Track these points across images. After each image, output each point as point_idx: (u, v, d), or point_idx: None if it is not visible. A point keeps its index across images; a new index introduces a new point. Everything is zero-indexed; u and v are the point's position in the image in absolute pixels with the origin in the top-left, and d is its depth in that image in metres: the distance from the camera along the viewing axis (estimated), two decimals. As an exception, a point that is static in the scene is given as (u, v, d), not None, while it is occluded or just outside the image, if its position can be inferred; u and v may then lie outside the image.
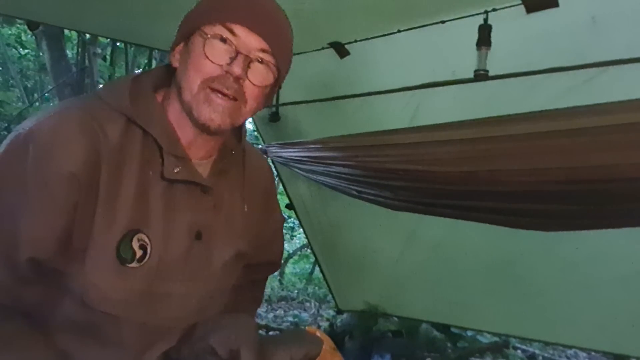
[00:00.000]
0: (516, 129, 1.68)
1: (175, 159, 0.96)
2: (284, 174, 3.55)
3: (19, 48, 7.95)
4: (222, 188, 1.04)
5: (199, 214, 1.00)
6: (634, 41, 1.85)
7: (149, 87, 1.00)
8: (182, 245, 0.98)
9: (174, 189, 0.97)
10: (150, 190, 0.95)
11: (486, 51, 2.00)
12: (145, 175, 0.94)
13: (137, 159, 0.94)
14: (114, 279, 0.91)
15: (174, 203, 0.97)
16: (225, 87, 0.91)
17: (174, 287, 0.98)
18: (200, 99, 0.91)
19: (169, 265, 0.97)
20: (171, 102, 0.98)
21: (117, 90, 0.98)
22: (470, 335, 4.05)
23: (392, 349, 3.55)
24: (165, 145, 0.95)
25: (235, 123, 0.96)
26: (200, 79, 0.91)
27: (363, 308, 3.80)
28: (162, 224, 0.95)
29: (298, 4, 2.04)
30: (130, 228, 0.92)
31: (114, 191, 0.91)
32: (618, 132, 1.45)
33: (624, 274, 2.52)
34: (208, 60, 0.90)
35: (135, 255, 0.92)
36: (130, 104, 0.95)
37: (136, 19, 2.45)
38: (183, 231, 0.98)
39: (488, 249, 2.87)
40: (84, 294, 0.91)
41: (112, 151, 0.92)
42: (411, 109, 2.58)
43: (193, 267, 1.00)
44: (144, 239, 0.93)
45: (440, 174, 1.93)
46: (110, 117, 0.93)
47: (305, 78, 2.92)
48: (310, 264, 6.61)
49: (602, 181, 1.57)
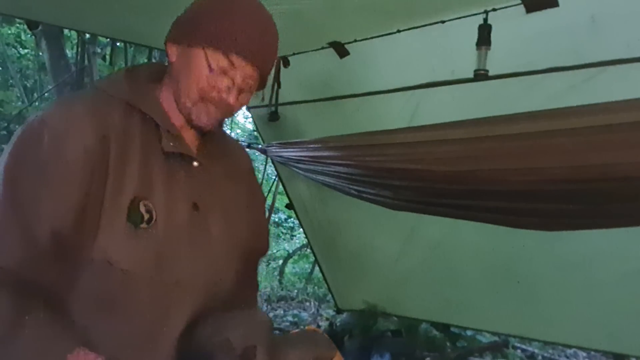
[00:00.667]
0: (516, 128, 1.68)
1: (171, 136, 1.10)
2: (283, 174, 3.55)
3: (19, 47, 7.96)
4: (210, 165, 1.17)
5: (194, 188, 1.12)
6: (633, 41, 1.85)
7: (143, 77, 1.14)
8: (182, 214, 1.09)
9: (173, 164, 1.10)
10: (152, 164, 1.07)
11: (486, 51, 2.01)
12: (146, 151, 1.07)
13: (138, 138, 1.07)
14: (128, 239, 1.01)
15: (173, 177, 1.09)
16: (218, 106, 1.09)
17: (182, 251, 1.08)
18: (199, 108, 1.08)
19: (173, 230, 1.07)
20: (164, 92, 1.12)
21: (114, 80, 1.14)
22: (470, 335, 4.05)
23: (392, 348, 3.55)
24: (161, 124, 1.09)
25: (219, 123, 1.16)
26: (200, 95, 1.07)
27: (362, 307, 3.80)
28: (163, 194, 1.06)
29: (298, 3, 2.05)
30: (136, 195, 1.03)
31: (122, 165, 1.03)
32: (617, 132, 1.45)
33: (624, 274, 2.52)
34: (209, 85, 1.07)
35: (143, 218, 1.03)
36: (128, 91, 1.09)
37: (136, 18, 2.45)
38: (182, 202, 1.10)
39: (488, 249, 2.87)
40: (105, 255, 0.99)
41: (117, 133, 1.04)
42: (411, 108, 2.58)
43: (195, 235, 1.10)
44: (148, 205, 1.04)
45: (439, 174, 1.93)
46: (110, 103, 1.06)
47: (305, 78, 2.92)
48: (310, 263, 6.61)
49: (602, 180, 1.57)
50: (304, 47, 2.71)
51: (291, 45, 2.70)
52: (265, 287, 5.98)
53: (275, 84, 2.91)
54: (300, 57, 2.81)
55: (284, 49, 2.76)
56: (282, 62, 2.87)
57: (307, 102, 3.01)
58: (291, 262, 7.16)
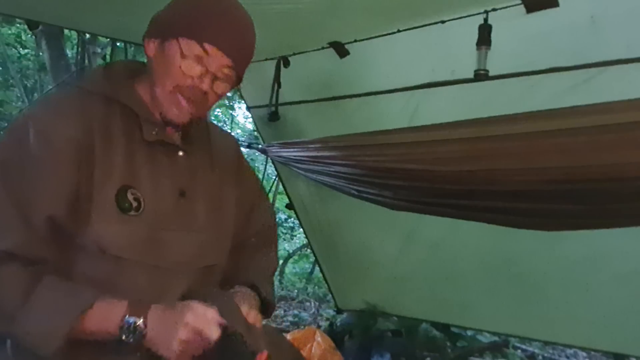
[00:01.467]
0: (516, 128, 1.67)
1: (152, 124, 1.13)
2: (283, 174, 3.55)
3: (19, 47, 7.95)
4: (194, 153, 1.21)
5: (180, 175, 1.17)
6: (633, 41, 1.85)
7: (121, 71, 1.18)
8: (169, 201, 1.14)
9: (156, 153, 1.14)
10: (136, 154, 1.11)
11: (486, 51, 2.00)
12: (129, 142, 1.11)
13: (120, 129, 1.11)
14: (120, 225, 1.06)
15: (157, 166, 1.14)
16: (192, 96, 1.11)
17: (171, 235, 1.13)
18: (170, 100, 1.11)
19: (162, 216, 1.12)
20: (142, 85, 1.16)
21: (92, 76, 1.22)
22: (470, 335, 4.04)
23: (392, 348, 3.55)
24: (140, 113, 1.13)
25: (195, 117, 1.16)
26: (173, 85, 1.10)
27: (362, 307, 3.80)
28: (150, 182, 1.11)
29: (298, 3, 2.05)
30: (123, 183, 1.08)
31: (107, 157, 1.08)
32: (617, 132, 1.44)
33: (624, 274, 2.52)
34: (182, 72, 1.09)
35: (132, 206, 1.08)
36: (106, 85, 1.13)
37: (136, 18, 2.43)
38: (168, 189, 1.15)
39: (488, 249, 2.87)
40: (98, 243, 1.05)
41: (99, 125, 1.09)
42: (411, 108, 2.58)
43: (183, 220, 1.16)
44: (136, 193, 1.09)
45: (439, 174, 1.93)
46: (90, 98, 1.12)
47: (305, 78, 2.92)
48: (310, 263, 6.61)
49: (602, 180, 1.56)
50: (304, 47, 2.71)
51: (291, 45, 2.70)
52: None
53: (275, 84, 2.92)
54: (300, 57, 2.80)
55: (284, 49, 2.77)
56: (282, 62, 2.87)
57: (307, 102, 3.00)
58: (291, 262, 7.15)
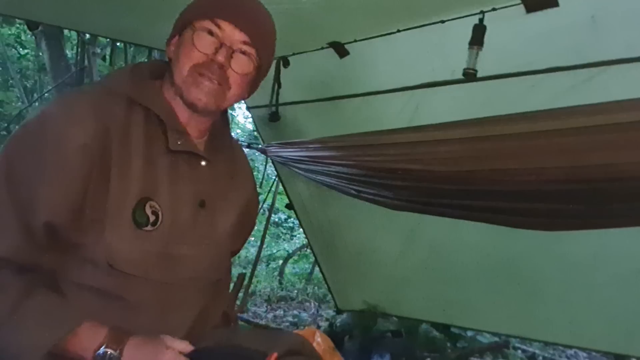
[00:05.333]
0: (516, 128, 1.67)
1: (177, 133, 1.08)
2: (283, 174, 3.55)
3: (19, 48, 7.96)
4: (216, 162, 1.16)
5: (201, 185, 1.12)
6: (633, 41, 1.85)
7: (147, 74, 1.14)
8: (188, 212, 1.09)
9: (177, 161, 1.09)
10: (157, 163, 1.06)
11: (477, 51, 2.00)
12: (150, 149, 1.06)
13: (142, 135, 1.05)
14: (133, 241, 1.01)
15: (178, 175, 1.09)
16: (210, 72, 1.04)
17: (186, 250, 1.09)
18: (189, 82, 1.05)
19: (179, 230, 1.07)
20: (167, 89, 1.11)
21: (118, 76, 1.14)
22: (470, 335, 4.04)
23: (392, 348, 3.54)
24: (167, 121, 1.07)
25: (220, 105, 1.10)
26: (189, 65, 1.04)
27: (362, 308, 3.80)
28: (169, 193, 1.06)
29: (298, 4, 2.04)
30: (142, 196, 1.03)
31: (126, 164, 1.02)
32: (618, 131, 1.44)
33: (624, 274, 2.52)
34: (196, 49, 1.04)
35: (149, 220, 1.03)
36: (131, 87, 1.07)
37: (136, 19, 2.45)
38: (188, 199, 1.10)
39: (488, 249, 2.87)
40: (108, 258, 0.99)
41: (119, 128, 1.03)
42: (410, 108, 2.58)
43: (200, 232, 1.11)
44: (155, 206, 1.04)
45: (439, 174, 1.93)
46: (113, 99, 1.05)
47: (304, 78, 2.92)
48: (310, 263, 6.60)
49: (602, 180, 1.56)
50: (303, 47, 2.71)
51: (291, 45, 2.70)
52: (265, 287, 5.98)
53: (275, 84, 2.92)
54: (300, 57, 2.80)
55: (283, 49, 2.77)
56: (282, 62, 2.87)
57: (307, 102, 3.00)
58: (291, 262, 7.15)
